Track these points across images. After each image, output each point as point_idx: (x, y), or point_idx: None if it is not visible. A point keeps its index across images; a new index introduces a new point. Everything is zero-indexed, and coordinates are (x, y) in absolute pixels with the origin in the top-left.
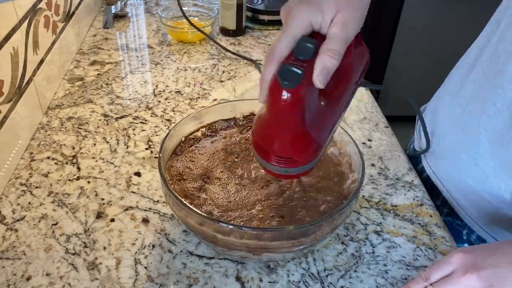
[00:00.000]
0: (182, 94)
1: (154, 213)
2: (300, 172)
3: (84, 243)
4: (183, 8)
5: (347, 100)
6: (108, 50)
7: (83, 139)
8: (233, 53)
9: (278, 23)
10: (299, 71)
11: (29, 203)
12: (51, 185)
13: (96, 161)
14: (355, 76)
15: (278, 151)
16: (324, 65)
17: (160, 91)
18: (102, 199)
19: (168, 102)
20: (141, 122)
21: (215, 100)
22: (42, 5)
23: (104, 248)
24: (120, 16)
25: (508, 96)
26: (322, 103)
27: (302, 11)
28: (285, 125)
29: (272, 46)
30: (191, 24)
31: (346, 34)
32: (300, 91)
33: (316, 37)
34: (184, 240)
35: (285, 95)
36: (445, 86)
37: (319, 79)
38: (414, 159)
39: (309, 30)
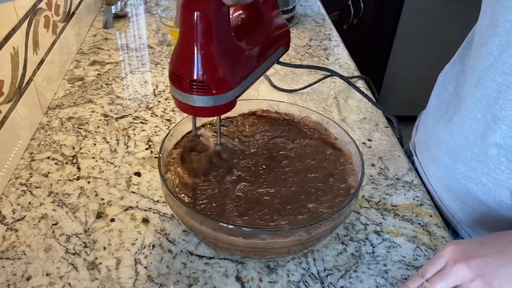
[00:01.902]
0: None
1: (154, 213)
2: (214, 105)
3: (84, 243)
4: None
5: (264, 56)
6: (108, 50)
7: (83, 139)
8: None
9: None
10: None
11: (29, 203)
12: (51, 185)
13: (96, 161)
14: (273, 36)
15: (190, 74)
16: None
17: (160, 91)
18: (102, 199)
19: (168, 102)
20: (141, 122)
21: None
22: (42, 5)
23: (104, 248)
24: (120, 16)
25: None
26: (238, 42)
27: None
28: (195, 42)
29: None
30: None
31: None
32: (210, 3)
33: None
34: (184, 240)
35: (194, 3)
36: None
37: None
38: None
39: None
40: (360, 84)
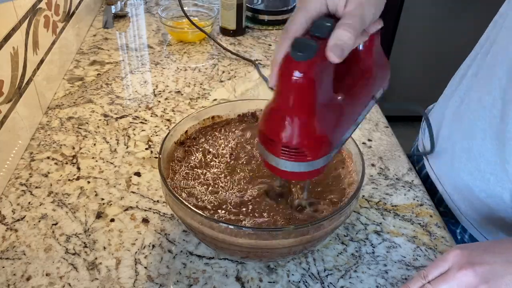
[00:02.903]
0: (182, 94)
1: (154, 213)
2: (307, 170)
3: (84, 243)
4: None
5: (363, 106)
6: (108, 50)
7: (83, 139)
8: (233, 53)
9: (278, 23)
10: (314, 43)
11: (29, 203)
12: (51, 185)
13: (96, 161)
14: (374, 82)
15: (285, 139)
16: (339, 37)
17: (160, 91)
18: (102, 199)
19: (168, 102)
20: (141, 122)
21: (215, 100)
22: (42, 5)
23: (104, 248)
24: (120, 16)
25: (503, 84)
26: (339, 97)
27: None
28: (295, 107)
29: (287, 25)
30: (193, 23)
31: (362, 12)
32: (314, 65)
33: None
34: (184, 240)
35: (297, 68)
36: (447, 88)
37: (333, 51)
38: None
39: (324, 10)
40: None
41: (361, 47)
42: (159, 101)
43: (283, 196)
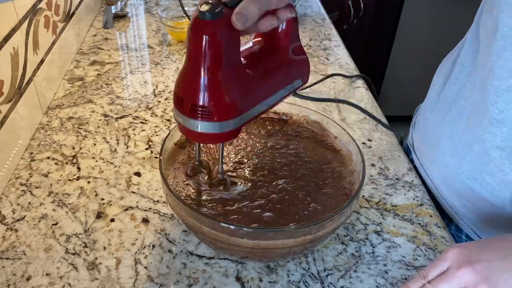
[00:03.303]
0: None
1: (154, 213)
2: (215, 132)
3: (84, 243)
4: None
5: (277, 87)
6: (108, 50)
7: (83, 139)
8: None
9: None
10: (220, 7)
11: (29, 203)
12: (51, 185)
13: (96, 161)
14: (289, 68)
15: (192, 98)
16: (244, 6)
17: (160, 91)
18: (102, 199)
19: (168, 102)
20: (141, 122)
21: None
22: (42, 5)
23: (104, 248)
24: (120, 16)
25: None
26: (248, 71)
27: None
28: (201, 65)
29: None
30: None
31: None
32: (219, 26)
33: None
34: (184, 240)
35: (202, 27)
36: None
37: (236, 17)
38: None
39: None
40: (360, 83)
41: (279, 31)
42: (159, 101)
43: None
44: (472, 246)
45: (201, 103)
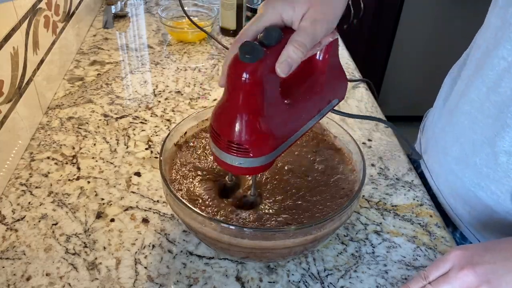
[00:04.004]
0: (182, 94)
1: (154, 213)
2: (250, 166)
3: (84, 243)
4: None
5: (314, 111)
6: (108, 50)
7: (83, 139)
8: None
9: None
10: (260, 48)
11: (29, 203)
12: (51, 185)
13: (96, 161)
14: (325, 90)
15: (229, 135)
16: (288, 54)
17: (160, 91)
18: (102, 199)
19: (168, 102)
20: (141, 122)
21: (215, 100)
22: (42, 5)
23: (104, 248)
24: (120, 16)
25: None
26: (286, 101)
27: (275, 5)
28: (239, 106)
29: (240, 32)
30: (193, 23)
31: (315, 29)
32: (260, 68)
33: (287, 32)
34: (184, 240)
35: (243, 69)
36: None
37: (281, 67)
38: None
39: (278, 22)
40: (361, 86)
41: (317, 55)
42: (159, 101)
43: (233, 192)
44: (474, 248)
45: (238, 141)
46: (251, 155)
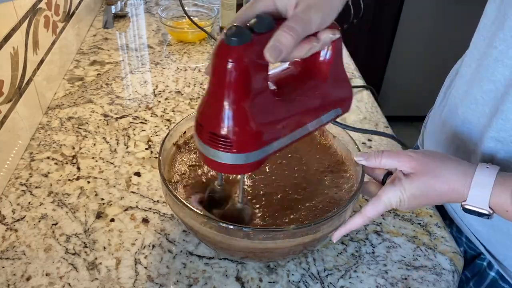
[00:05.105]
0: (182, 94)
1: (154, 213)
2: (233, 162)
3: (84, 243)
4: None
5: (312, 117)
6: (108, 50)
7: (83, 139)
8: None
9: None
10: (248, 32)
11: (29, 203)
12: (51, 185)
13: (96, 161)
14: (326, 96)
15: (211, 125)
16: (278, 38)
17: (160, 91)
18: (102, 199)
19: (168, 102)
20: (141, 122)
21: None
22: (42, 5)
23: (104, 248)
24: (120, 16)
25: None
26: (278, 98)
27: None
28: (223, 93)
29: (233, 18)
30: (194, 23)
31: (307, 15)
32: (246, 53)
33: (281, 23)
34: (184, 240)
35: (228, 51)
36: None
37: (269, 51)
38: None
39: (272, 9)
40: (360, 83)
41: (321, 58)
42: (159, 101)
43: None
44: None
45: (220, 132)
46: (235, 150)
